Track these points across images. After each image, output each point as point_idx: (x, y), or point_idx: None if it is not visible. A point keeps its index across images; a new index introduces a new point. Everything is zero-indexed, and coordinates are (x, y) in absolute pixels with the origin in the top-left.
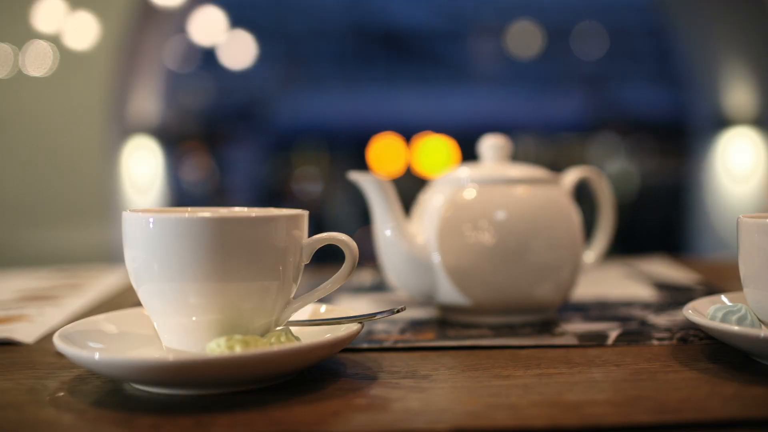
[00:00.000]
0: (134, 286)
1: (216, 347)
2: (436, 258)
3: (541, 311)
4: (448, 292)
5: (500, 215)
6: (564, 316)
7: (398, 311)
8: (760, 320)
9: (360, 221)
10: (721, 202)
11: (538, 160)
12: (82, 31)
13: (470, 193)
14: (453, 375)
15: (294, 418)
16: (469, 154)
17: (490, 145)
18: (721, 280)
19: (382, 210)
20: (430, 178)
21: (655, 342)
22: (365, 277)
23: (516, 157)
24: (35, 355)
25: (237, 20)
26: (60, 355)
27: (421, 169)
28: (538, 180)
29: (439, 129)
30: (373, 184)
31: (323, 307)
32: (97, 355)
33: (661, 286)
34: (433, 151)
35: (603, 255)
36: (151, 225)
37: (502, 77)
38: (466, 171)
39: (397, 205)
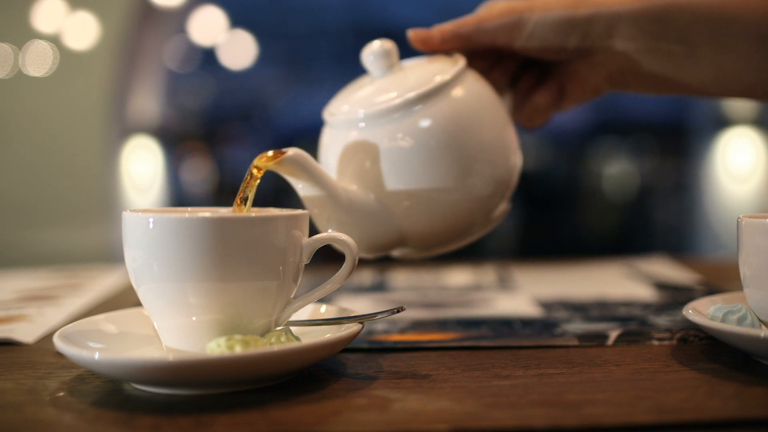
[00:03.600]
0: (134, 286)
1: (216, 347)
2: (373, 204)
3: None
4: (397, 235)
5: (418, 137)
6: (564, 316)
7: (398, 311)
8: (760, 320)
9: None
10: (721, 202)
11: (538, 160)
12: (82, 31)
13: (368, 133)
14: (453, 375)
15: (294, 418)
16: None
17: (376, 53)
18: (721, 280)
19: (313, 184)
20: None
21: (655, 342)
22: (365, 277)
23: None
24: (35, 355)
25: (237, 20)
26: (60, 355)
27: None
28: (447, 84)
29: None
30: (293, 160)
31: (323, 307)
32: (97, 355)
33: (661, 286)
34: None
35: None
36: (151, 225)
37: None
38: (354, 103)
39: (322, 171)
